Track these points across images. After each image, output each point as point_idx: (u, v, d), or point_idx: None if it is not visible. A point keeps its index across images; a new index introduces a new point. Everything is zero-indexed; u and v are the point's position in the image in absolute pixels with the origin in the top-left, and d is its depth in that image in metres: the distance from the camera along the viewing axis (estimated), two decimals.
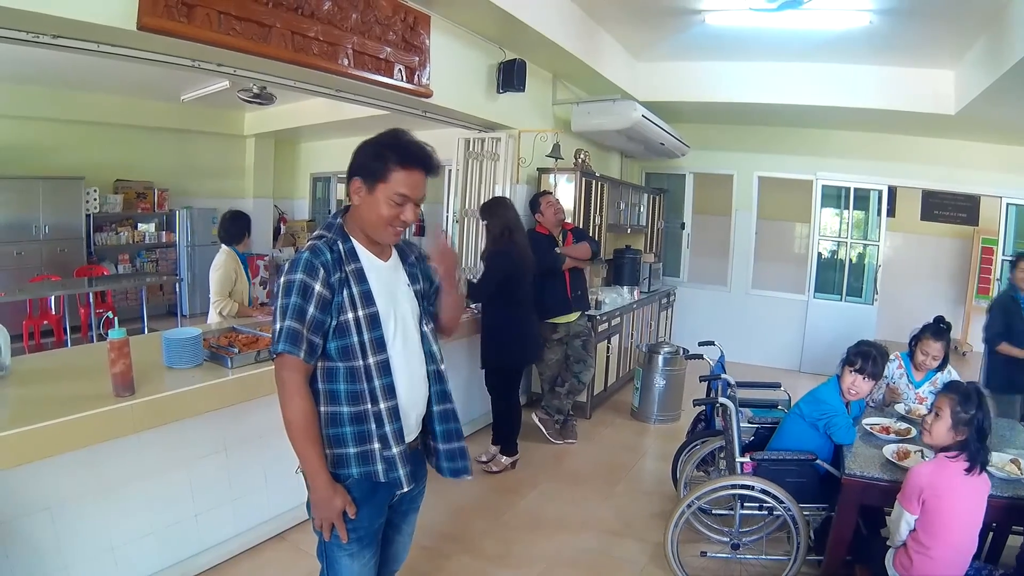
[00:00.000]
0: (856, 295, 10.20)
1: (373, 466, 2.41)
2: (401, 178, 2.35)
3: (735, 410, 4.26)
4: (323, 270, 2.31)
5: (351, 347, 2.36)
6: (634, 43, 8.23)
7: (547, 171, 7.73)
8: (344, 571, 2.53)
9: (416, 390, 2.56)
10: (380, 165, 2.36)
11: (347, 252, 2.41)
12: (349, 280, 2.37)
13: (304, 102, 11.25)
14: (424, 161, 2.40)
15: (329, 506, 2.36)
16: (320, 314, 2.32)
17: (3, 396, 3.33)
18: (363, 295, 2.39)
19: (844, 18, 6.47)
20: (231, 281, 5.55)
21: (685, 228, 11.43)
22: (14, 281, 9.47)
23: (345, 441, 2.41)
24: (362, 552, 2.52)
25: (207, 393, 3.64)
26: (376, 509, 2.52)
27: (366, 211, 2.41)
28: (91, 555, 3.60)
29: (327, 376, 2.41)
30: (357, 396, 2.38)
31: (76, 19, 3.53)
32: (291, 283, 2.31)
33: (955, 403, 3.19)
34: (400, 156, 2.35)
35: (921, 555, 3.11)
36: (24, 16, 3.44)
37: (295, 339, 2.28)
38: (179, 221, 12.31)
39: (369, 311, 2.39)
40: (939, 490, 3.06)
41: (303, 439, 2.32)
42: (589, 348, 6.64)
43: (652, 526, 5.01)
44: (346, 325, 2.36)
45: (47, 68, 8.76)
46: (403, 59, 5.46)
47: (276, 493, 4.51)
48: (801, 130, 9.99)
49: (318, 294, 2.30)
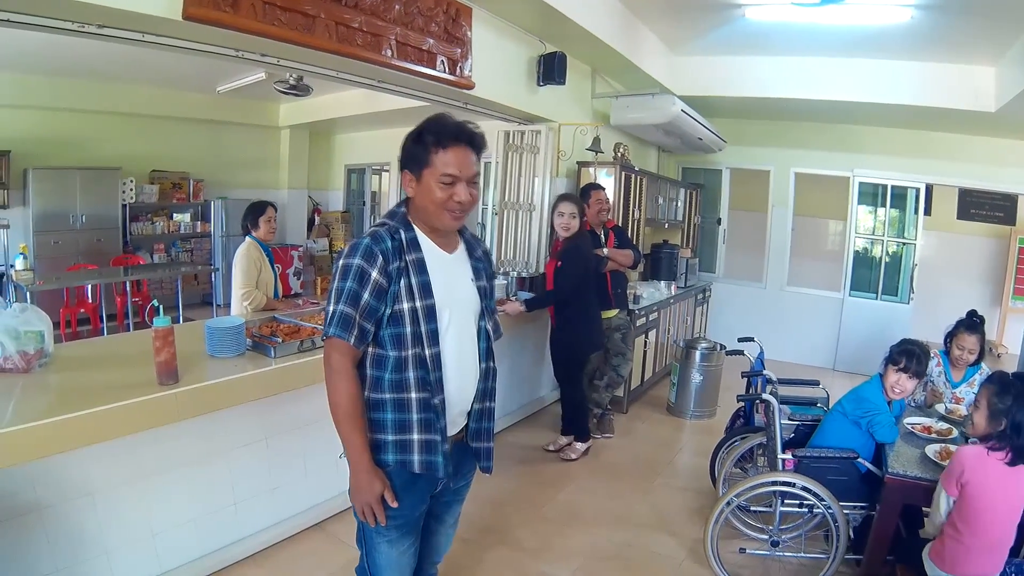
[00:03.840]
0: (892, 293, 10.11)
1: (410, 455, 2.41)
2: (445, 159, 2.34)
3: (777, 406, 4.22)
4: (381, 257, 2.30)
5: (404, 337, 2.35)
6: (672, 37, 8.17)
7: (587, 164, 7.71)
8: (382, 558, 2.54)
9: (465, 386, 2.54)
10: (422, 151, 2.35)
11: (409, 241, 2.39)
12: (408, 269, 2.36)
13: (339, 94, 11.25)
14: (465, 136, 2.37)
15: (369, 490, 2.35)
16: (374, 301, 2.31)
17: (47, 383, 3.35)
18: (421, 286, 2.37)
19: (885, 13, 6.38)
20: (256, 271, 5.52)
21: (721, 224, 11.36)
22: (52, 270, 9.54)
23: (385, 427, 2.40)
24: (401, 540, 2.53)
25: (250, 382, 3.65)
26: (417, 498, 2.51)
27: (420, 200, 2.40)
28: (132, 541, 3.62)
29: (375, 363, 2.41)
30: (402, 385, 2.37)
31: (123, 9, 3.54)
32: (348, 267, 2.30)
33: (992, 392, 3.22)
34: (438, 137, 2.33)
35: (955, 541, 3.10)
36: (71, 6, 3.47)
37: (347, 324, 2.28)
38: (214, 211, 12.39)
39: (426, 303, 2.37)
40: (977, 478, 3.06)
41: (348, 422, 2.33)
42: (628, 342, 6.64)
43: (689, 521, 5.00)
44: (400, 314, 2.35)
45: (85, 61, 8.86)
46: (445, 51, 5.45)
47: (315, 483, 4.52)
48: (838, 126, 9.87)
49: (374, 281, 2.29)
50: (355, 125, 13.62)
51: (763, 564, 4.36)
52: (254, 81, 9.92)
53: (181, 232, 12.32)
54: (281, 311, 5.19)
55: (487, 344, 2.63)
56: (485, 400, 2.64)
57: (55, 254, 10.15)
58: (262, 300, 5.47)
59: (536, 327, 6.71)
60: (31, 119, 10.08)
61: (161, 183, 11.95)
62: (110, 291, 9.82)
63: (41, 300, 7.33)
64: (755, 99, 8.88)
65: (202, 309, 11.87)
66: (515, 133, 7.58)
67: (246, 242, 5.57)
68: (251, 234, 5.62)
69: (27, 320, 3.42)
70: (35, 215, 10.04)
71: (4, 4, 3.50)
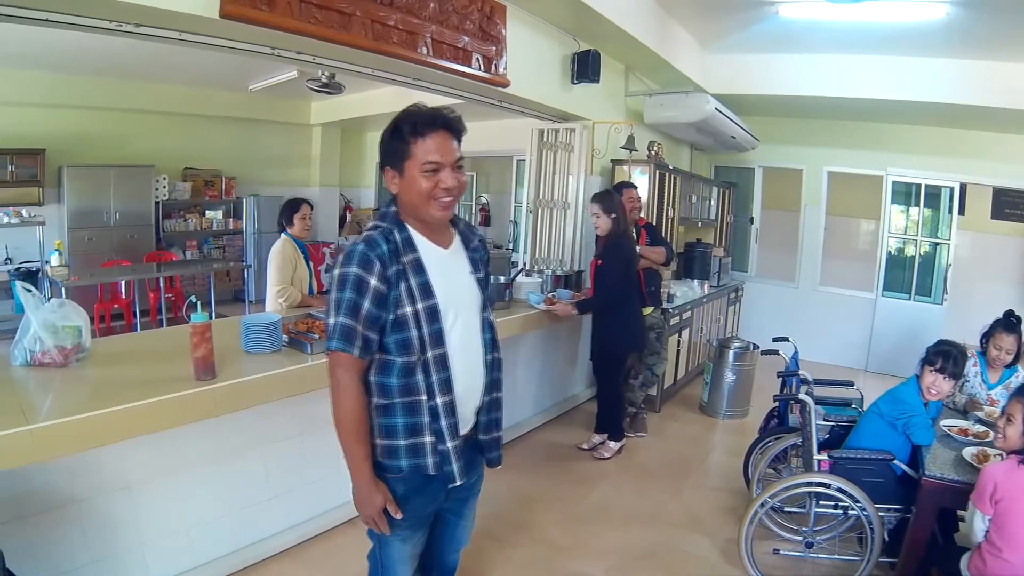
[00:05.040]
0: (925, 294, 10.00)
1: (423, 459, 2.40)
2: (425, 146, 2.29)
3: (814, 407, 4.19)
4: (379, 263, 2.26)
5: (410, 341, 2.32)
6: (705, 35, 8.13)
7: (621, 163, 7.71)
8: (395, 553, 2.57)
9: (473, 382, 2.53)
10: (400, 143, 2.32)
11: (404, 241, 2.35)
12: (407, 272, 2.32)
13: (370, 91, 11.30)
14: (441, 121, 2.32)
15: (371, 503, 2.37)
16: (376, 309, 2.28)
17: (85, 377, 3.37)
18: (421, 287, 2.33)
19: (919, 9, 6.30)
20: (291, 267, 5.53)
21: (753, 223, 11.31)
22: (86, 266, 9.71)
23: (396, 432, 2.39)
24: (413, 535, 2.57)
25: (287, 378, 3.65)
26: (429, 498, 2.52)
27: (406, 194, 2.36)
28: (167, 534, 3.67)
29: (381, 369, 2.38)
30: (411, 389, 2.35)
31: (160, 7, 3.56)
32: (345, 277, 2.27)
33: None
34: (414, 126, 2.30)
35: (995, 557, 3.06)
36: (110, 5, 3.49)
37: (349, 336, 2.26)
38: (246, 208, 12.51)
39: (428, 304, 2.33)
40: (1011, 492, 3.02)
41: (350, 438, 2.33)
42: (663, 340, 6.66)
43: (722, 521, 4.98)
44: (404, 319, 2.31)
45: (119, 60, 8.96)
46: (480, 48, 5.46)
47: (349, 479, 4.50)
48: (872, 124, 9.77)
49: (373, 288, 2.26)
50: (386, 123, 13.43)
51: (795, 565, 4.33)
52: (286, 79, 9.94)
53: (213, 229, 12.44)
54: (316, 307, 5.19)
55: (492, 335, 2.62)
56: (493, 391, 2.63)
57: (89, 250, 10.29)
58: (297, 296, 5.48)
59: (569, 326, 6.69)
60: (66, 118, 10.19)
61: (194, 180, 12.06)
62: (143, 287, 9.96)
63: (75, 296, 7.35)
64: (788, 97, 8.82)
65: (234, 305, 12.02)
66: (549, 131, 7.59)
67: (281, 239, 5.58)
68: (287, 231, 5.64)
69: (65, 315, 3.44)
70: (70, 212, 10.16)
71: (45, 4, 3.53)
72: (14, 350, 3.37)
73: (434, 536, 2.74)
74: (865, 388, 5.46)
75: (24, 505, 3.10)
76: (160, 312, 9.67)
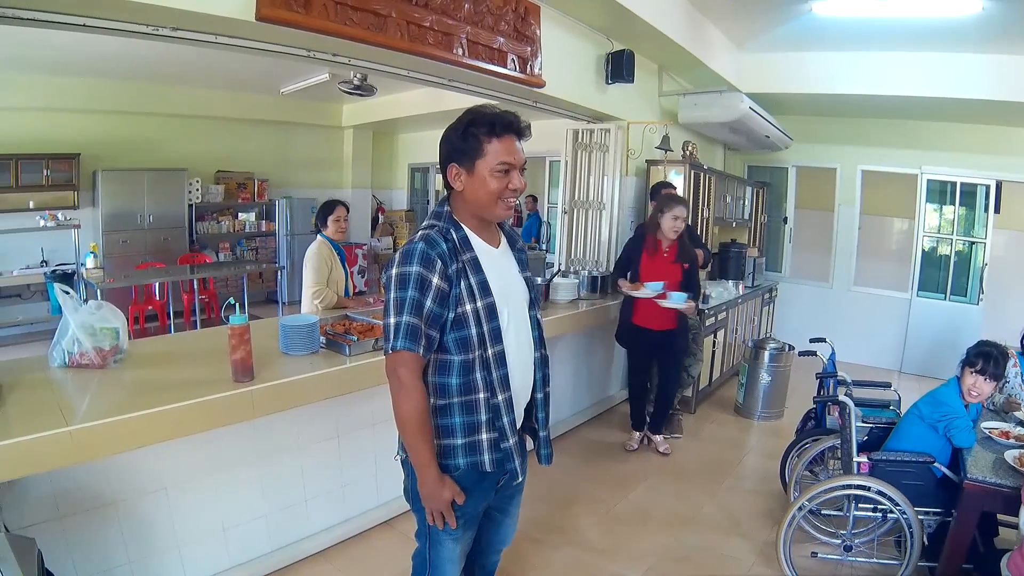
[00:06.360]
0: (960, 294, 9.85)
1: (480, 456, 2.41)
2: (498, 148, 2.31)
3: (853, 409, 4.14)
4: (440, 261, 2.27)
5: (469, 339, 2.34)
6: (739, 34, 8.06)
7: (656, 163, 7.67)
8: (447, 552, 2.56)
9: (526, 379, 2.56)
10: (473, 143, 2.33)
11: (460, 241, 2.37)
12: (466, 270, 2.34)
13: (401, 94, 11.34)
14: (513, 126, 2.35)
15: (439, 498, 2.36)
16: (438, 307, 2.28)
17: (123, 379, 3.39)
18: (480, 285, 2.35)
19: (955, 4, 6.19)
20: (327, 269, 5.53)
21: (787, 222, 11.21)
22: (121, 268, 9.82)
23: (454, 432, 2.40)
24: (465, 534, 2.56)
25: (326, 380, 3.64)
26: (482, 495, 2.52)
27: (472, 192, 2.37)
28: (203, 535, 3.68)
29: (439, 369, 2.39)
30: (469, 387, 2.37)
31: (196, 11, 3.57)
32: (406, 276, 2.26)
33: None
34: (489, 128, 2.31)
35: None
36: (147, 9, 3.48)
37: (414, 335, 2.25)
38: (278, 211, 12.55)
39: (486, 302, 2.35)
40: None
41: (416, 436, 2.31)
42: (698, 341, 6.66)
43: (759, 524, 4.93)
44: (464, 317, 2.33)
45: (152, 64, 9.05)
46: (515, 49, 5.44)
47: (386, 480, 4.54)
48: (906, 122, 9.63)
49: (436, 287, 2.26)
50: (418, 125, 13.67)
51: (833, 568, 4.28)
52: (318, 82, 10.02)
53: (246, 231, 12.54)
54: (352, 309, 5.20)
55: (539, 332, 2.64)
56: (544, 387, 2.67)
57: (124, 253, 10.41)
58: (333, 298, 5.48)
59: (604, 327, 6.64)
60: (100, 122, 10.34)
61: (226, 183, 12.18)
62: (177, 289, 10.08)
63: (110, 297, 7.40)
64: (821, 96, 8.73)
65: (267, 307, 12.08)
66: (584, 132, 7.56)
67: (317, 240, 5.59)
68: (322, 232, 5.65)
69: (103, 317, 3.46)
70: (104, 215, 10.31)
71: (83, 10, 3.55)
72: (52, 351, 3.41)
73: (479, 535, 2.74)
74: (901, 389, 5.40)
75: (62, 505, 3.11)
76: (194, 313, 9.77)
